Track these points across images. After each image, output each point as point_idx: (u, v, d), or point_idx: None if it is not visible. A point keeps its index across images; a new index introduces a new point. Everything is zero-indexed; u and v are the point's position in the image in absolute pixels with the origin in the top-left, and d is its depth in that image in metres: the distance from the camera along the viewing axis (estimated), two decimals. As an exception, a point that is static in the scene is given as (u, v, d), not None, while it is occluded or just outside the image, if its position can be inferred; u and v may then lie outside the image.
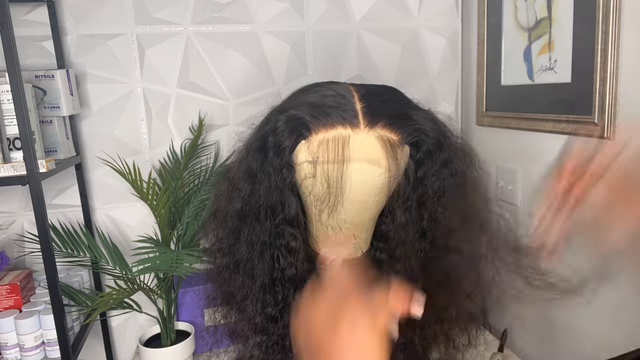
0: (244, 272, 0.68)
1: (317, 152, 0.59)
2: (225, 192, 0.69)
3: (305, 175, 0.62)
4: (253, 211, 0.65)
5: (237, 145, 0.71)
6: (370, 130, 0.59)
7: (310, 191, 0.63)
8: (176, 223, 1.12)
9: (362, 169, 0.59)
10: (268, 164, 0.61)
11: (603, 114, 0.84)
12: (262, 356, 0.71)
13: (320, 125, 0.59)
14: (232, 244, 0.68)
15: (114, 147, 1.19)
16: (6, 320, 0.97)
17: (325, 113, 0.59)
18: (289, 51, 1.25)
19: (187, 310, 1.17)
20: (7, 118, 0.86)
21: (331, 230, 0.66)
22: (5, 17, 0.77)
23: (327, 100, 0.60)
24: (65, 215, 1.20)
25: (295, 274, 0.66)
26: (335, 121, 0.58)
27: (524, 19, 1.05)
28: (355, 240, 0.68)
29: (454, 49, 1.34)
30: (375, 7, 1.27)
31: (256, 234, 0.65)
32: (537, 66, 1.01)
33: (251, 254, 0.66)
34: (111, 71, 1.17)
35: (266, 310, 0.67)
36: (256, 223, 0.65)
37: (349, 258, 0.69)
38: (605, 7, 0.81)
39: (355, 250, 0.69)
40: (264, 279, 0.66)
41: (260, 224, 0.64)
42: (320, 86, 0.65)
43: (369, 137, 0.59)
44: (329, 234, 0.67)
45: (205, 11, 1.19)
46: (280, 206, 0.63)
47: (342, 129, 0.58)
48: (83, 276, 1.16)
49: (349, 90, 0.62)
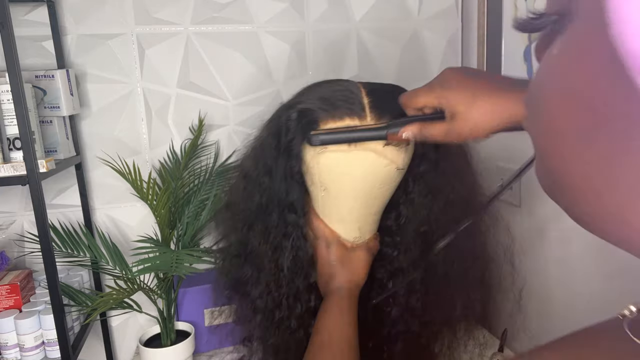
0: (257, 260, 0.69)
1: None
2: (242, 186, 0.70)
3: (313, 164, 0.62)
4: (269, 203, 0.66)
5: (242, 144, 0.72)
6: (378, 122, 0.59)
7: (316, 181, 0.64)
8: (176, 223, 1.12)
9: (368, 159, 0.60)
10: (281, 158, 0.63)
11: (603, 114, 0.84)
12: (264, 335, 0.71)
13: (329, 116, 0.60)
14: (245, 233, 0.69)
15: (114, 147, 1.19)
16: (6, 320, 0.97)
17: (334, 106, 0.61)
18: (289, 51, 1.25)
19: (187, 310, 1.17)
20: (7, 118, 0.86)
21: (337, 223, 0.66)
22: (5, 17, 0.77)
23: (336, 94, 0.62)
24: (65, 215, 1.20)
25: (303, 258, 0.66)
26: (343, 113, 0.60)
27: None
28: (360, 234, 0.68)
29: (454, 49, 1.34)
30: (375, 7, 1.27)
31: (271, 224, 0.66)
32: (537, 66, 1.01)
33: (264, 241, 0.67)
34: (111, 71, 1.17)
35: (273, 294, 0.68)
36: (271, 213, 0.66)
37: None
38: (605, 7, 0.81)
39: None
40: (273, 265, 0.67)
41: (274, 214, 0.65)
42: (330, 82, 0.67)
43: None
44: (334, 226, 0.67)
45: (205, 11, 1.19)
46: (290, 196, 0.64)
47: (350, 121, 0.60)
48: (83, 276, 1.16)
49: (356, 86, 0.64)
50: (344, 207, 0.65)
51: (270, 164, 0.65)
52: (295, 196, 0.65)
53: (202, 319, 1.18)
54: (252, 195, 0.67)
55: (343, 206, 0.65)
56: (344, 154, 0.60)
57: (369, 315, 0.73)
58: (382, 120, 0.60)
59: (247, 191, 0.69)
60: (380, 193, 0.65)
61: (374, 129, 0.58)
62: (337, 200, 0.64)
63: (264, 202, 0.66)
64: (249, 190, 0.68)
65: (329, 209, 0.66)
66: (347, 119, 0.60)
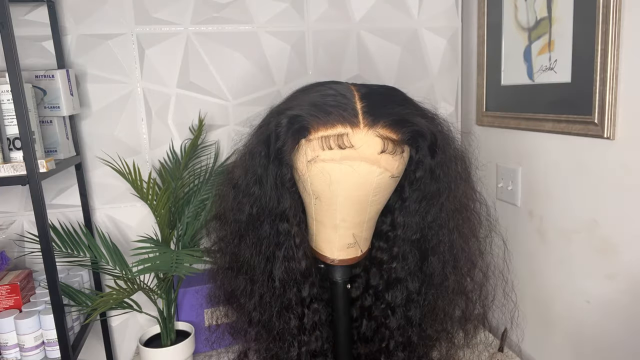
0: (248, 270, 0.68)
1: (316, 151, 0.59)
2: (230, 195, 0.68)
3: (304, 173, 0.61)
4: (259, 213, 0.64)
5: (237, 146, 0.71)
6: (370, 129, 0.58)
7: (308, 189, 0.63)
8: (176, 223, 1.12)
9: (361, 168, 0.59)
10: (271, 165, 0.61)
11: (603, 114, 0.84)
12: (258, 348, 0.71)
13: (321, 124, 0.58)
14: (237, 244, 0.68)
15: (114, 147, 1.19)
16: (6, 320, 0.97)
17: (326, 112, 0.58)
18: (289, 51, 1.25)
19: (187, 310, 1.17)
20: (7, 118, 0.86)
21: (330, 230, 0.65)
22: (5, 17, 0.77)
23: (327, 100, 0.60)
24: (65, 215, 1.20)
25: (295, 269, 0.66)
26: (335, 120, 0.58)
27: (524, 19, 1.05)
28: (355, 240, 0.67)
29: (454, 49, 1.34)
30: (375, 7, 1.27)
31: (262, 233, 0.65)
32: (537, 66, 1.01)
33: (256, 252, 0.66)
34: (111, 71, 1.17)
35: (267, 304, 0.68)
36: (262, 223, 0.65)
37: (348, 258, 0.69)
38: (605, 7, 0.81)
39: (355, 250, 0.69)
40: (265, 276, 0.67)
41: (266, 224, 0.64)
42: (322, 85, 0.65)
43: (368, 136, 0.58)
44: (328, 233, 0.66)
45: (205, 11, 1.19)
46: (282, 205, 0.63)
47: (342, 128, 0.58)
48: (83, 276, 1.16)
49: (349, 90, 0.62)
50: (337, 214, 0.63)
51: (261, 172, 0.62)
52: (287, 204, 0.63)
53: (202, 319, 1.18)
54: (242, 205, 0.66)
55: (336, 213, 0.63)
56: (337, 164, 0.59)
57: (365, 324, 0.72)
58: (376, 127, 0.58)
59: (236, 201, 0.67)
60: (374, 200, 0.63)
61: None
62: (330, 207, 0.63)
63: (254, 212, 0.64)
64: (239, 200, 0.66)
65: (322, 216, 0.65)
66: (339, 127, 0.58)
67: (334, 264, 0.68)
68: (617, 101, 0.82)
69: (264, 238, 0.65)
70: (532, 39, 1.02)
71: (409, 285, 0.68)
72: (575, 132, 0.91)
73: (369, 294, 0.74)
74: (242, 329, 0.73)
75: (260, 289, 0.67)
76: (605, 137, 0.84)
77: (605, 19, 0.82)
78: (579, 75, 0.90)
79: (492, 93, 1.19)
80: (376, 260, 0.72)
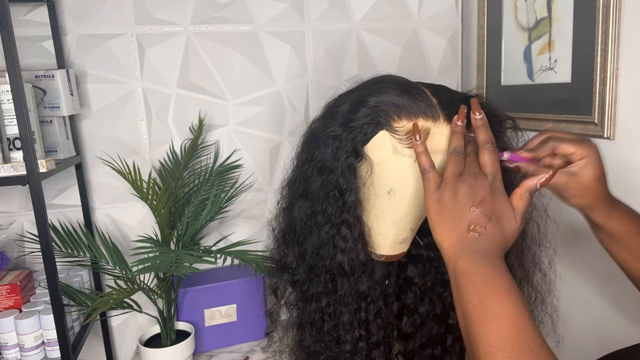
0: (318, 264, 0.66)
1: (400, 142, 0.59)
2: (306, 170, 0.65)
3: (380, 164, 0.61)
4: (325, 194, 0.63)
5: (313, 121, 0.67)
6: (449, 124, 0.59)
7: (379, 182, 0.62)
8: (176, 223, 1.12)
9: (437, 161, 0.59)
10: (342, 151, 0.60)
11: (603, 114, 0.84)
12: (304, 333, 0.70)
13: (403, 115, 0.59)
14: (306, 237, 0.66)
15: (114, 147, 1.19)
16: (6, 320, 0.97)
17: (406, 104, 0.59)
18: (289, 51, 1.25)
19: (187, 310, 1.17)
20: (7, 118, 0.86)
21: (390, 225, 0.64)
22: (5, 17, 0.77)
23: (408, 90, 0.61)
24: (65, 215, 1.20)
25: (348, 262, 0.64)
26: (419, 112, 0.59)
27: (524, 19, 1.05)
28: (409, 235, 0.66)
29: (454, 49, 1.34)
30: (375, 7, 1.27)
31: (324, 217, 0.64)
32: (537, 66, 1.01)
33: (316, 235, 0.64)
34: (111, 71, 1.17)
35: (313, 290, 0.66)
36: (327, 205, 0.63)
37: (395, 254, 0.68)
38: (605, 7, 0.81)
39: (404, 245, 0.68)
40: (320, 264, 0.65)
41: (329, 208, 0.63)
42: (392, 77, 0.65)
43: (448, 130, 0.59)
44: (386, 228, 0.65)
45: (205, 11, 1.19)
46: (346, 193, 0.62)
47: (424, 121, 0.58)
48: (83, 276, 1.16)
49: (417, 85, 0.63)
50: (403, 208, 0.63)
51: (331, 164, 0.61)
52: (354, 197, 0.62)
53: (202, 319, 1.18)
54: (312, 183, 0.63)
55: (402, 208, 0.63)
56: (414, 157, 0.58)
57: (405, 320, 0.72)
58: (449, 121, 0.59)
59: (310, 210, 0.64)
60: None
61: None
62: (399, 202, 0.62)
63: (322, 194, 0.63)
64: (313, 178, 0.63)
65: (384, 211, 0.64)
66: (421, 119, 0.58)
67: (380, 259, 0.68)
68: (617, 101, 0.82)
69: (326, 222, 0.63)
70: (532, 39, 1.02)
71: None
72: (575, 132, 0.91)
73: (411, 290, 0.74)
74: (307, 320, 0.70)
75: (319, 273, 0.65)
76: (605, 137, 0.84)
77: (605, 19, 0.82)
78: (579, 75, 0.90)
79: (492, 93, 1.19)
80: (417, 257, 0.72)
